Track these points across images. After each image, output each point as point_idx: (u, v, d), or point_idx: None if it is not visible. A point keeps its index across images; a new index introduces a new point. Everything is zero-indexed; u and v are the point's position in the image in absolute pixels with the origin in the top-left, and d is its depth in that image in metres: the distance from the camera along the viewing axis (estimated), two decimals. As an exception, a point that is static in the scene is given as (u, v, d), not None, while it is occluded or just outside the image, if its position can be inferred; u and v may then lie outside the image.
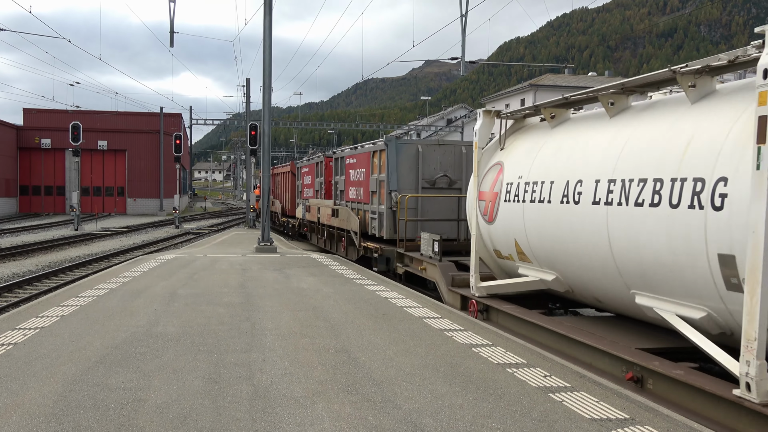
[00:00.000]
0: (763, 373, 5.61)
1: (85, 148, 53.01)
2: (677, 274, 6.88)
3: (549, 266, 9.60)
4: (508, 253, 10.72)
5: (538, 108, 10.28)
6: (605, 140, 8.40)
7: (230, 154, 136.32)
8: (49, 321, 9.24)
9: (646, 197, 7.26)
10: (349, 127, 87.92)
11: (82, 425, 5.25)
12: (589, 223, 8.26)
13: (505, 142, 11.28)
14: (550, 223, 9.21)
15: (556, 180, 9.16)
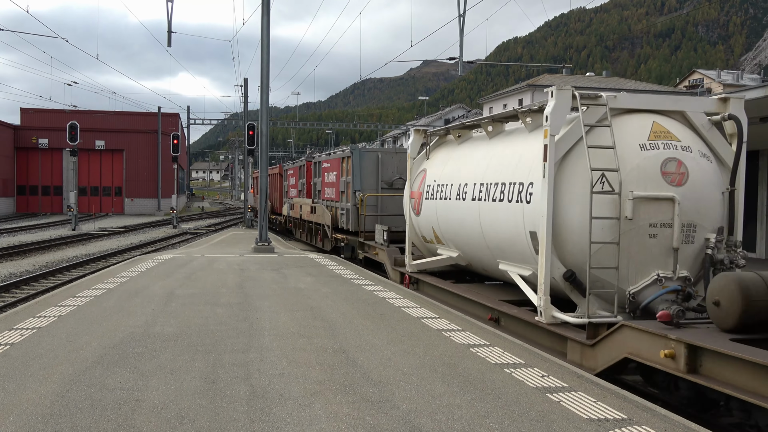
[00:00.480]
0: (548, 305, 8.75)
1: (83, 148, 52.89)
2: (515, 246, 9.96)
3: (455, 246, 12.71)
4: (430, 238, 13.81)
5: (451, 128, 13.61)
6: (482, 155, 11.63)
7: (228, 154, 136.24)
8: (46, 321, 9.23)
9: (498, 195, 10.35)
10: (347, 127, 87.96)
11: (80, 425, 5.24)
12: (470, 213, 11.39)
13: (430, 154, 14.38)
14: (451, 215, 12.35)
15: (454, 183, 12.27)
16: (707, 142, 8.98)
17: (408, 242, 14.58)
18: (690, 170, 8.41)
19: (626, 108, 8.94)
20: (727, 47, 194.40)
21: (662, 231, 8.31)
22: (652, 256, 8.34)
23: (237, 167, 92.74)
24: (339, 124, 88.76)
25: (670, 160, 8.38)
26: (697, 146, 8.70)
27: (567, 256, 8.72)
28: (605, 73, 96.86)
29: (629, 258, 8.30)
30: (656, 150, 8.43)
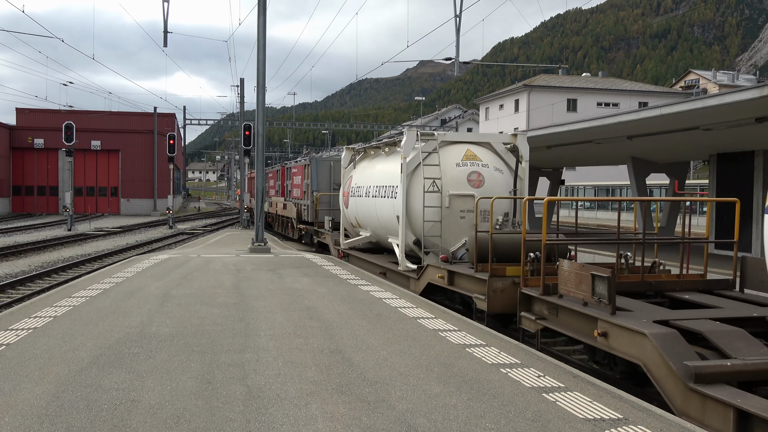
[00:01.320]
0: (404, 260, 14.36)
1: (79, 148, 52.85)
2: (392, 225, 15.20)
3: (369, 229, 17.63)
4: (355, 224, 18.75)
5: (366, 148, 19.27)
6: (380, 167, 16.78)
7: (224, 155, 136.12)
8: (41, 321, 9.21)
9: (382, 194, 15.74)
10: (343, 127, 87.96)
11: (75, 426, 5.23)
12: (372, 206, 16.63)
13: (356, 165, 19.47)
14: (364, 207, 17.43)
15: (364, 185, 17.40)
16: (504, 160, 14.55)
17: (342, 228, 20.16)
18: (486, 178, 13.87)
19: (451, 141, 14.49)
20: (722, 48, 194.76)
21: (468, 215, 13.58)
22: (462, 230, 13.58)
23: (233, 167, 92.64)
24: (335, 125, 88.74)
25: (472, 172, 13.87)
26: (493, 163, 14.17)
27: (415, 230, 14.13)
28: (601, 74, 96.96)
29: (448, 231, 13.65)
30: (465, 166, 13.91)
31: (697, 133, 19.54)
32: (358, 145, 25.53)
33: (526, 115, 70.75)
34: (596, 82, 78.89)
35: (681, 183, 27.76)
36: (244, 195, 43.81)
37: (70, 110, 60.52)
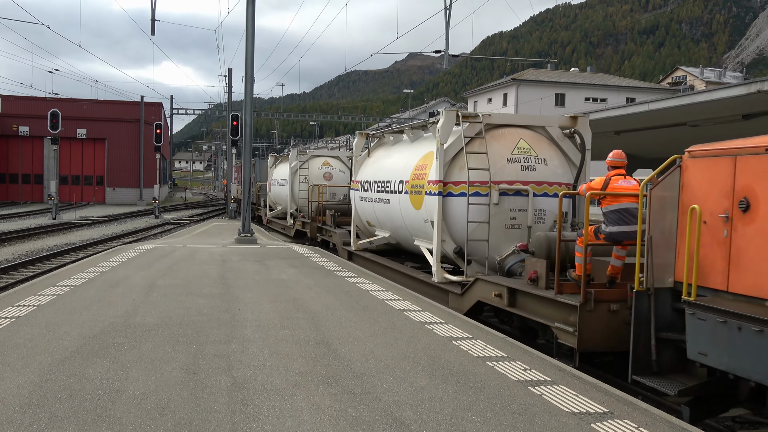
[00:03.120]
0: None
1: (64, 137, 52.27)
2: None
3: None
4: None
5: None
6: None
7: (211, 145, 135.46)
8: (25, 310, 9.13)
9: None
10: (332, 119, 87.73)
11: (58, 416, 5.18)
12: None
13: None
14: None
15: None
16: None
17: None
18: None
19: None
20: (710, 45, 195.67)
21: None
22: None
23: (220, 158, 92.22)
24: (323, 116, 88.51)
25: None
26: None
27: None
28: (589, 69, 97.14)
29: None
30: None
31: (685, 129, 19.63)
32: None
33: (514, 110, 70.85)
34: (584, 77, 79.08)
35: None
36: (231, 185, 43.63)
37: (55, 98, 59.97)
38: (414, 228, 13.39)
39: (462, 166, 11.34)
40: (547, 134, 12.16)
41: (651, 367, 7.02)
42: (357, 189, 17.05)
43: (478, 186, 11.11)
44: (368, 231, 16.88)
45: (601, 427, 5.29)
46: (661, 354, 7.00)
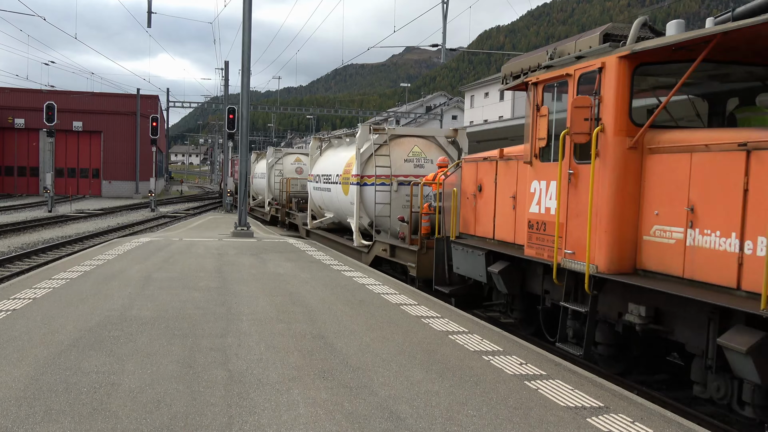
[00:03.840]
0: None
1: (60, 129, 52.13)
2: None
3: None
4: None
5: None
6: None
7: (207, 138, 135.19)
8: (21, 303, 9.11)
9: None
10: (328, 112, 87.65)
11: (54, 408, 5.17)
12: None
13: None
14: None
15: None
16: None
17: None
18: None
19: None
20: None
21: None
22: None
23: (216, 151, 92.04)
24: (320, 110, 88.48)
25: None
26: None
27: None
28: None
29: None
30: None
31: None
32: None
33: (511, 104, 70.81)
34: (581, 71, 78.91)
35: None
36: (228, 179, 43.58)
37: (51, 90, 59.78)
38: (345, 209, 17.52)
39: (373, 165, 15.83)
40: (436, 142, 16.59)
41: (446, 282, 11.63)
42: (311, 181, 21.55)
43: (383, 178, 15.68)
44: (320, 213, 21.19)
45: (596, 421, 5.30)
46: (452, 274, 11.47)
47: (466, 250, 10.70)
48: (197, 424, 4.99)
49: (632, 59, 7.30)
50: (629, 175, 7.34)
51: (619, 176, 7.33)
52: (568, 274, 8.06)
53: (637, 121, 7.41)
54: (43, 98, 51.15)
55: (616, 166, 7.34)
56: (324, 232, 20.35)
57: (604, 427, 5.17)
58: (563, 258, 8.06)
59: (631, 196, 7.33)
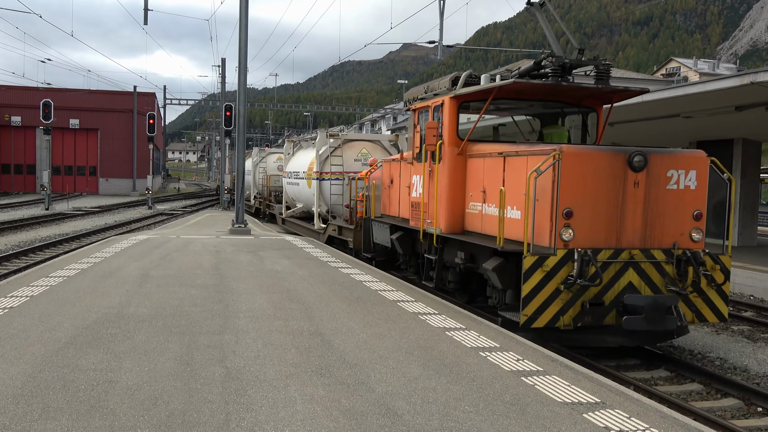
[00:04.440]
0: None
1: (57, 127, 52.10)
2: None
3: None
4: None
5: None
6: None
7: (205, 135, 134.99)
8: (18, 301, 9.11)
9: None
10: (325, 109, 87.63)
11: (52, 406, 5.18)
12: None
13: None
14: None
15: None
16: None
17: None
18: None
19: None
20: (704, 36, 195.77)
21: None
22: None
23: (214, 148, 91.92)
24: (317, 107, 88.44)
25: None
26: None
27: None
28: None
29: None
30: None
31: (677, 121, 19.65)
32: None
33: (508, 100, 70.79)
34: (578, 68, 78.97)
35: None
36: (225, 176, 43.56)
37: (48, 88, 59.73)
38: (310, 200, 21.49)
39: (329, 164, 19.98)
40: (381, 145, 20.51)
41: (370, 250, 15.64)
42: (286, 177, 25.80)
43: (337, 174, 19.71)
44: (293, 204, 25.19)
45: (592, 416, 5.32)
46: (376, 246, 15.33)
47: (379, 225, 14.79)
48: (195, 421, 5.00)
49: (457, 99, 11.19)
50: (458, 172, 11.27)
51: (452, 172, 11.27)
52: (429, 236, 11.95)
53: (462, 137, 11.21)
54: (39, 96, 51.10)
55: (450, 166, 11.26)
56: (296, 219, 24.44)
57: (601, 423, 5.19)
58: (426, 226, 12.07)
59: (459, 185, 11.28)
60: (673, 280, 9.00)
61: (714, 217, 21.03)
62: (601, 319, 8.77)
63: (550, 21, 11.52)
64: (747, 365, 9.82)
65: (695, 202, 9.25)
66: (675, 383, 8.92)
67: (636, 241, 9.01)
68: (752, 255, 18.54)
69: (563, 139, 11.56)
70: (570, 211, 8.72)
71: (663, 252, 9.03)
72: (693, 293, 9.06)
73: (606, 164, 8.87)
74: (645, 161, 8.89)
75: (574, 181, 8.75)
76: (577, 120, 11.97)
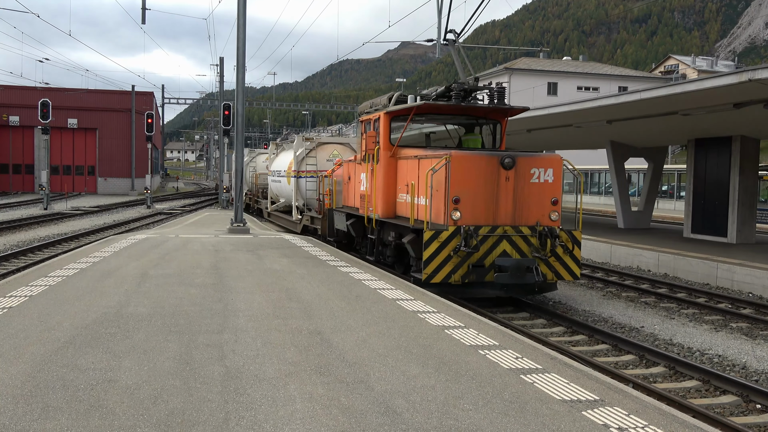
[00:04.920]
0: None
1: (55, 126, 52.03)
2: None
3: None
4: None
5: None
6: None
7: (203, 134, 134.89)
8: (17, 301, 9.11)
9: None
10: (324, 108, 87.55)
11: (51, 406, 5.18)
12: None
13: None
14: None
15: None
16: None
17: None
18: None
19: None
20: (702, 33, 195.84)
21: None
22: None
23: (212, 147, 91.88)
24: (316, 106, 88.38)
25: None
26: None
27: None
28: (582, 58, 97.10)
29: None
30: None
31: (676, 118, 19.66)
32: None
33: (508, 100, 70.74)
34: (577, 66, 79.06)
35: (659, 167, 27.96)
36: (223, 175, 43.56)
37: (46, 87, 59.64)
38: (290, 195, 24.51)
39: (305, 164, 23.10)
40: (350, 147, 23.38)
41: (333, 235, 18.38)
42: (270, 175, 29.15)
43: (312, 173, 22.87)
44: (277, 199, 28.48)
45: (592, 414, 5.33)
46: (338, 233, 18.10)
47: (339, 214, 17.73)
48: (194, 420, 5.00)
49: (389, 114, 14.28)
50: (390, 171, 14.44)
51: (385, 171, 14.45)
52: (372, 220, 15.09)
53: (393, 143, 14.37)
54: (37, 95, 51.06)
55: (384, 166, 14.45)
56: (279, 213, 28.06)
57: (600, 420, 5.20)
58: (369, 213, 15.22)
59: (392, 181, 14.42)
60: (537, 249, 12.07)
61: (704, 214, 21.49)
62: (483, 276, 11.82)
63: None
64: (746, 362, 9.84)
65: (552, 192, 12.29)
66: (673, 380, 8.94)
67: (508, 220, 12.10)
68: (751, 252, 18.55)
69: (477, 143, 14.72)
70: (458, 198, 11.80)
71: (529, 228, 12.12)
72: (551, 257, 12.11)
73: (484, 164, 11.92)
74: (513, 162, 11.93)
75: (460, 177, 11.80)
76: (488, 129, 14.84)
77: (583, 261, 20.14)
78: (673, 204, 45.83)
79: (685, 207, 24.13)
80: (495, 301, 13.18)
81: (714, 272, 16.46)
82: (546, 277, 12.13)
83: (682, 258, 17.56)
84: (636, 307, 13.92)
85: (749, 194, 21.47)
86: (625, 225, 26.76)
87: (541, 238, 12.05)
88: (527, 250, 12.03)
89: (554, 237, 12.03)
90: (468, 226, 11.60)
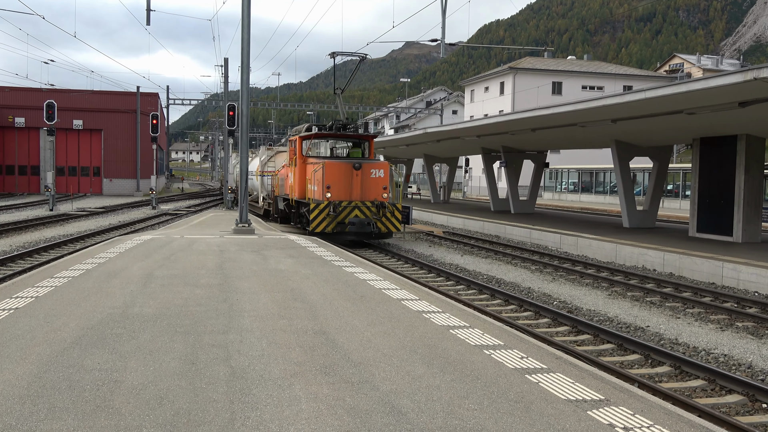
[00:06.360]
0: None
1: (60, 128, 52.15)
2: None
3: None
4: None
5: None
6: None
7: (208, 135, 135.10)
8: (23, 302, 9.14)
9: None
10: (328, 108, 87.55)
11: (58, 406, 5.20)
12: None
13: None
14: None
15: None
16: None
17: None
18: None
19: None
20: (707, 32, 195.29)
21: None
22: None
23: (217, 148, 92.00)
24: (320, 106, 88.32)
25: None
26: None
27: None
28: (586, 57, 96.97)
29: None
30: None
31: (681, 117, 19.62)
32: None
33: (511, 98, 70.75)
34: (581, 65, 78.95)
35: (664, 166, 27.90)
36: (228, 176, 43.62)
37: (51, 89, 59.77)
38: (258, 188, 32.21)
39: (267, 166, 31.25)
40: None
41: (279, 213, 27.93)
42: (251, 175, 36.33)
43: (271, 173, 30.56)
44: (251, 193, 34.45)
45: (597, 414, 5.32)
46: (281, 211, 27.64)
47: (280, 199, 26.36)
48: (200, 420, 5.02)
49: (301, 137, 23.99)
50: (303, 171, 23.67)
51: (300, 171, 23.84)
52: (294, 201, 24.01)
53: (304, 155, 23.85)
54: (43, 97, 51.16)
55: (300, 169, 23.84)
56: (252, 202, 35.78)
57: (605, 420, 5.19)
58: (293, 197, 24.16)
59: (303, 177, 23.60)
60: (375, 214, 21.38)
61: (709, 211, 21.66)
62: (344, 228, 21.13)
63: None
64: (751, 361, 9.82)
65: (384, 182, 21.90)
66: (679, 380, 8.93)
67: (357, 197, 21.57)
68: (757, 251, 18.50)
69: (358, 154, 23.80)
70: (329, 186, 21.36)
71: (371, 203, 21.43)
72: (384, 218, 21.47)
73: (344, 167, 21.63)
74: (360, 166, 21.60)
75: (330, 174, 21.45)
76: (365, 145, 24.25)
77: (588, 260, 20.14)
78: (678, 203, 45.76)
79: (690, 206, 24.09)
80: (353, 244, 22.84)
81: (719, 271, 16.43)
82: (380, 230, 21.41)
83: (687, 257, 17.53)
84: (641, 306, 13.91)
85: (755, 193, 21.42)
86: (630, 224, 26.71)
87: (377, 208, 21.43)
88: (369, 214, 21.28)
89: (384, 207, 21.48)
90: (335, 201, 21.12)
